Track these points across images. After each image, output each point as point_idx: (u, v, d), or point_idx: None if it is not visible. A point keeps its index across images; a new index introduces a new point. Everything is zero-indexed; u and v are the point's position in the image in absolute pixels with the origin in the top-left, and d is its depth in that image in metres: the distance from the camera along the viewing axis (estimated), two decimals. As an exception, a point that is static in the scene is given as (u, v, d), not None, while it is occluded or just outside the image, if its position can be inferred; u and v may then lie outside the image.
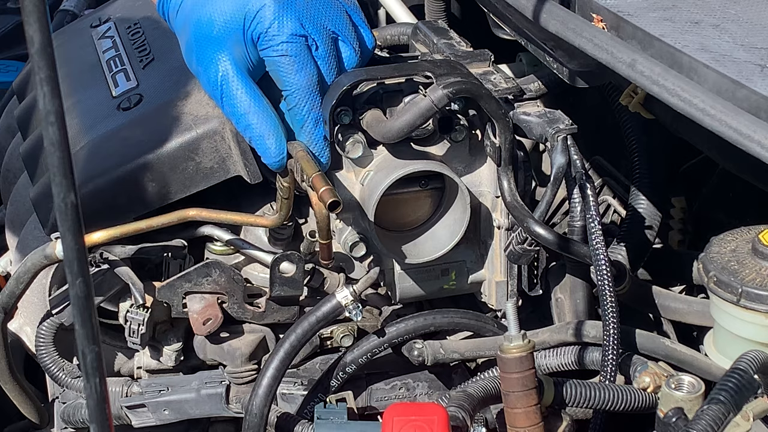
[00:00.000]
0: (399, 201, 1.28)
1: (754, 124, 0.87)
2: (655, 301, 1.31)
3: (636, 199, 1.39)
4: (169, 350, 1.32)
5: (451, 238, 1.28)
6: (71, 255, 0.58)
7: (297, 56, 1.19)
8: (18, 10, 2.43)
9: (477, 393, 1.13)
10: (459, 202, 1.27)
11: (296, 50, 1.19)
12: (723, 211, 1.48)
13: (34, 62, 0.55)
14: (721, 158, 1.21)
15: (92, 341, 0.60)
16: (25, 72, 1.75)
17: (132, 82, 1.41)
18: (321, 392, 1.31)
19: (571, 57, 1.17)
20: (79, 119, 1.39)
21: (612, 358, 1.17)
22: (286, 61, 1.19)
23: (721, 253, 1.10)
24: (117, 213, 1.26)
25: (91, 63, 1.52)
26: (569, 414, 1.16)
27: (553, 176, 1.19)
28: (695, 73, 0.94)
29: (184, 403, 1.33)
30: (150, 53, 1.47)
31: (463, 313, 1.35)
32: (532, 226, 1.19)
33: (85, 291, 0.59)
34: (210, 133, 1.28)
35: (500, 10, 1.25)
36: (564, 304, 1.36)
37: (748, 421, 1.00)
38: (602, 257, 1.17)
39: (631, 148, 1.40)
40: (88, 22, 1.67)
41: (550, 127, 1.22)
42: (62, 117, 0.56)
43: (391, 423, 1.05)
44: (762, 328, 1.06)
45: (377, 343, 1.31)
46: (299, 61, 1.19)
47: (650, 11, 1.06)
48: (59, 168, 0.56)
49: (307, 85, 1.20)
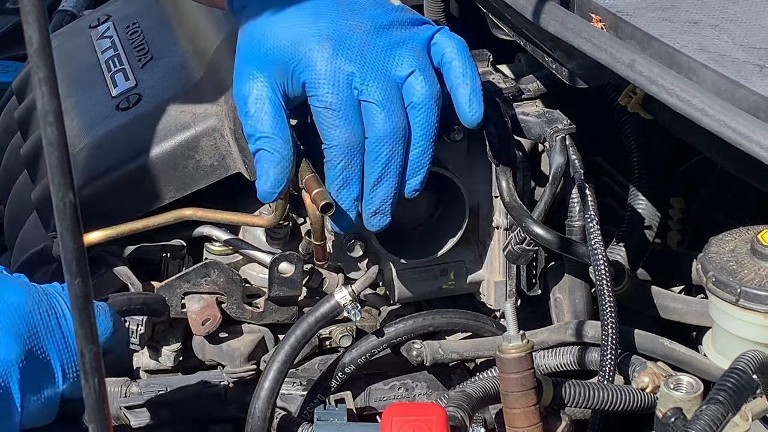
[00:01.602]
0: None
1: (752, 124, 0.87)
2: (653, 302, 1.31)
3: (635, 199, 1.39)
4: (168, 350, 1.32)
5: (449, 238, 1.28)
6: (70, 255, 0.58)
7: (341, 111, 1.11)
8: (17, 10, 2.43)
9: (476, 393, 1.13)
10: (458, 202, 1.27)
11: (341, 104, 1.11)
12: (722, 212, 1.47)
13: (32, 62, 0.55)
14: (720, 158, 1.21)
15: (91, 341, 0.60)
16: (25, 72, 1.75)
17: (131, 82, 1.41)
18: (320, 393, 1.31)
19: (570, 57, 1.17)
20: (78, 120, 1.39)
21: (610, 358, 1.17)
22: (330, 115, 1.11)
23: (720, 254, 1.10)
24: (119, 213, 1.26)
25: (90, 63, 1.52)
26: (568, 414, 1.16)
27: (552, 176, 1.19)
28: (694, 73, 0.94)
29: (183, 403, 1.33)
30: (148, 52, 1.47)
31: (462, 313, 1.35)
32: (531, 226, 1.19)
33: (83, 291, 0.59)
34: (209, 130, 1.28)
35: (499, 10, 1.25)
36: (563, 304, 1.36)
37: (747, 421, 1.00)
38: (601, 257, 1.17)
39: (630, 148, 1.40)
40: (86, 23, 1.67)
41: (548, 127, 1.22)
42: (61, 117, 0.56)
43: (390, 423, 1.05)
44: (761, 328, 1.06)
45: (376, 343, 1.31)
46: (342, 116, 1.11)
47: (649, 11, 1.06)
48: (58, 168, 0.57)
49: (346, 142, 1.12)
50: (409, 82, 1.13)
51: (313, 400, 1.30)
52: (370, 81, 1.11)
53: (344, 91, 1.11)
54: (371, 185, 1.14)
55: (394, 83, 1.12)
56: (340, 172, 1.13)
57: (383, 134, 1.12)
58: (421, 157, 1.14)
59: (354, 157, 1.13)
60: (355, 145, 1.12)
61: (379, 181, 1.13)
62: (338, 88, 1.11)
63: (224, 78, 1.31)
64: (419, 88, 1.12)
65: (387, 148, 1.12)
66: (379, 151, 1.12)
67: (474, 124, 1.15)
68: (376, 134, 1.12)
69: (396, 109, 1.12)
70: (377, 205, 1.15)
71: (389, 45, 1.13)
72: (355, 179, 1.14)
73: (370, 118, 1.12)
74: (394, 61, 1.13)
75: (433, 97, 1.13)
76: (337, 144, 1.12)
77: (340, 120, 1.11)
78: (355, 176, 1.14)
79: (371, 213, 1.16)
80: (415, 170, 1.15)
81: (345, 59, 1.11)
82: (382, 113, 1.11)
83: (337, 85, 1.11)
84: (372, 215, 1.16)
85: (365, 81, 1.11)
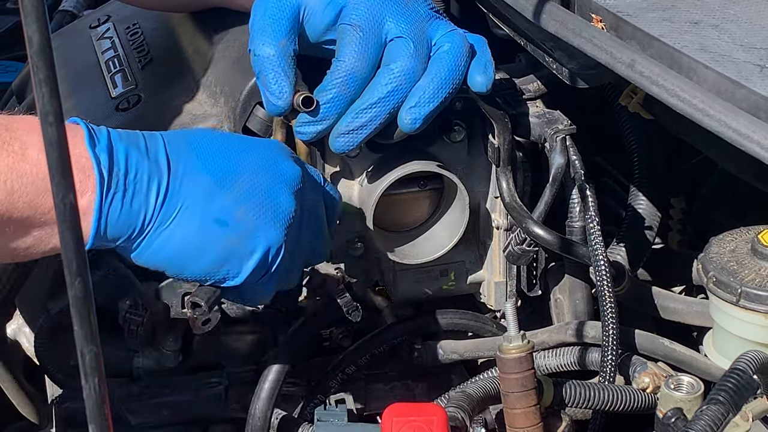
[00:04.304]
0: (398, 201, 1.28)
1: (753, 124, 0.86)
2: (654, 302, 1.31)
3: (635, 199, 1.39)
4: (168, 351, 1.32)
5: (450, 239, 1.28)
6: (70, 255, 0.58)
7: (365, 34, 1.13)
8: (17, 10, 2.43)
9: (476, 393, 1.13)
10: (458, 202, 1.27)
11: (370, 29, 1.13)
12: (722, 212, 1.47)
13: (32, 63, 0.55)
14: (721, 158, 1.21)
15: (91, 341, 0.60)
16: (25, 72, 1.75)
17: (131, 83, 1.41)
18: (320, 393, 1.31)
19: (571, 57, 1.17)
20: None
21: (611, 358, 1.17)
22: (354, 33, 1.14)
23: (721, 254, 1.10)
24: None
25: (90, 64, 1.52)
26: (569, 414, 1.16)
27: (552, 177, 1.19)
28: (694, 74, 0.94)
29: (183, 403, 1.33)
30: (148, 53, 1.46)
31: (462, 313, 1.35)
32: (531, 226, 1.19)
33: (83, 291, 0.59)
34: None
35: (500, 10, 1.25)
36: (563, 305, 1.36)
37: (748, 421, 1.00)
38: (601, 258, 1.17)
39: (631, 148, 1.40)
40: (87, 23, 1.67)
41: (548, 128, 1.22)
42: (61, 117, 0.56)
43: (390, 423, 1.05)
44: (761, 329, 1.06)
45: (376, 343, 1.31)
46: (364, 39, 1.13)
47: (649, 11, 1.06)
48: (58, 168, 0.57)
49: (355, 64, 1.13)
50: (440, 41, 1.16)
51: (313, 401, 1.30)
52: (404, 24, 1.14)
53: (376, 24, 1.14)
54: (363, 106, 1.14)
55: (427, 37, 1.15)
56: (335, 86, 1.14)
57: (403, 66, 1.13)
58: (438, 90, 1.14)
59: (355, 80, 1.14)
60: (361, 71, 1.13)
61: (373, 106, 1.14)
62: (373, 17, 1.14)
63: (224, 79, 1.31)
64: (450, 42, 1.15)
65: (399, 80, 1.13)
66: (391, 78, 1.13)
67: (483, 88, 1.16)
68: (397, 63, 1.13)
69: (422, 53, 1.14)
70: (356, 125, 1.14)
71: (429, 15, 1.17)
72: (343, 98, 1.14)
73: (398, 51, 1.14)
74: (431, 25, 1.16)
75: (464, 46, 1.15)
76: (346, 61, 1.13)
77: (361, 41, 1.13)
78: (345, 95, 1.14)
79: (345, 131, 1.15)
80: (428, 99, 1.14)
81: (389, 4, 1.14)
82: (411, 46, 1.14)
83: (372, 16, 1.14)
84: (344, 133, 1.15)
85: (399, 23, 1.14)
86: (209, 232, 1.03)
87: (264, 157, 1.08)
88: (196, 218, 1.02)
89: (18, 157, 0.95)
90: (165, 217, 1.01)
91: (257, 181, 1.05)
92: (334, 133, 1.15)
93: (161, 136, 1.04)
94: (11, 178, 0.94)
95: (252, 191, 1.05)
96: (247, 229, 1.04)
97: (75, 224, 0.57)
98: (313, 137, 1.16)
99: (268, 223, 1.05)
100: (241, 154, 1.07)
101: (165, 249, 1.02)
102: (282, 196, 1.06)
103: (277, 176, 1.07)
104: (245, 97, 1.26)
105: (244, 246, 1.04)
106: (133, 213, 0.99)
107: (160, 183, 1.00)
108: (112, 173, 0.98)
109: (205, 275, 1.05)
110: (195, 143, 1.05)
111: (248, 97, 1.25)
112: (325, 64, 1.16)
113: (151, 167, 1.00)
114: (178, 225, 1.01)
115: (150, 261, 1.03)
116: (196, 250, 1.03)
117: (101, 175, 0.97)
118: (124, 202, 0.98)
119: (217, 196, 1.03)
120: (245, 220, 1.04)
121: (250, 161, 1.06)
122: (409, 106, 1.14)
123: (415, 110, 1.14)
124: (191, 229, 1.02)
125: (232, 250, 1.04)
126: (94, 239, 0.98)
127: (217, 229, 1.03)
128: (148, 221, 1.00)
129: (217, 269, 1.05)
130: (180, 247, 1.02)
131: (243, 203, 1.04)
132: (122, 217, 0.99)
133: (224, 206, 1.03)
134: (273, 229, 1.05)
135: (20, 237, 0.98)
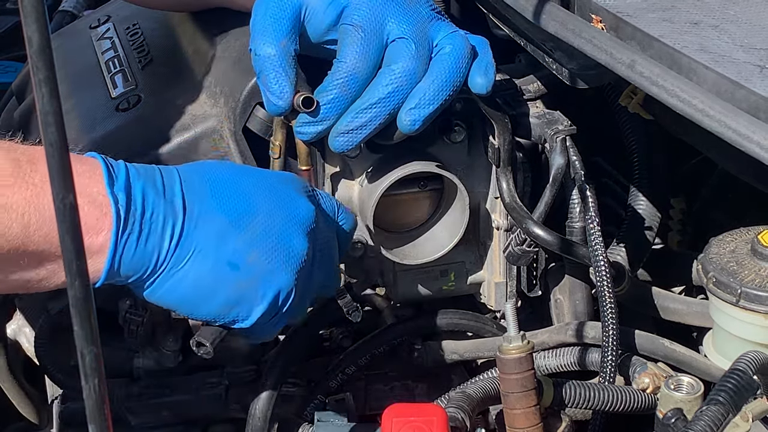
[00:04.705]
0: (398, 202, 1.28)
1: (753, 125, 0.86)
2: (654, 302, 1.31)
3: (635, 199, 1.39)
4: (168, 351, 1.32)
5: (450, 239, 1.28)
6: (70, 255, 0.58)
7: (366, 34, 1.13)
8: (17, 10, 2.43)
9: (476, 394, 1.13)
10: (458, 203, 1.27)
11: (371, 30, 1.13)
12: (722, 212, 1.47)
13: (32, 63, 0.55)
14: (721, 159, 1.21)
15: (91, 342, 0.60)
16: (25, 73, 1.75)
17: (131, 83, 1.41)
18: (320, 393, 1.31)
19: (571, 58, 1.17)
20: (78, 121, 1.39)
21: (611, 359, 1.17)
22: (356, 33, 1.13)
23: (721, 254, 1.10)
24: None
25: (90, 64, 1.52)
26: (568, 415, 1.16)
27: (552, 177, 1.19)
28: (694, 74, 0.94)
29: (183, 403, 1.33)
30: (148, 54, 1.46)
31: (462, 313, 1.35)
32: (531, 227, 1.19)
33: (83, 292, 0.59)
34: (208, 131, 1.28)
35: (499, 10, 1.25)
36: (563, 305, 1.36)
37: (748, 421, 1.00)
38: (601, 258, 1.17)
39: (631, 149, 1.40)
40: (87, 23, 1.66)
41: (549, 128, 1.22)
42: (61, 118, 0.56)
43: (390, 424, 1.05)
44: (761, 329, 1.06)
45: (376, 344, 1.31)
46: (366, 40, 1.13)
47: (649, 12, 1.06)
48: (58, 169, 0.57)
49: (356, 65, 1.13)
50: (441, 42, 1.16)
51: (313, 401, 1.30)
52: (406, 25, 1.14)
53: (378, 25, 1.13)
54: (363, 106, 1.14)
55: (428, 38, 1.15)
56: (336, 86, 1.13)
57: (405, 67, 1.13)
58: (438, 92, 1.14)
59: (356, 81, 1.13)
60: (362, 72, 1.13)
61: (373, 106, 1.13)
62: (374, 17, 1.13)
63: (224, 79, 1.31)
64: (452, 44, 1.15)
65: (400, 80, 1.13)
66: (392, 79, 1.13)
67: (484, 90, 1.16)
68: (398, 64, 1.13)
69: (423, 54, 1.14)
70: (355, 125, 1.14)
71: (431, 16, 1.17)
72: (344, 98, 1.14)
73: (399, 51, 1.14)
74: (433, 26, 1.16)
75: (466, 48, 1.15)
76: (347, 61, 1.13)
77: (362, 41, 1.13)
78: (345, 96, 1.14)
79: (345, 130, 1.14)
80: (428, 101, 1.14)
81: (390, 5, 1.14)
82: (413, 47, 1.13)
83: (374, 17, 1.13)
84: (344, 133, 1.15)
85: (401, 24, 1.14)
86: (221, 275, 1.02)
87: (279, 195, 1.07)
88: (209, 261, 1.02)
89: (38, 191, 0.95)
90: (179, 259, 1.01)
91: (271, 222, 1.05)
92: (333, 132, 1.15)
93: (177, 172, 1.04)
94: (29, 211, 0.94)
95: (265, 234, 1.04)
96: (259, 273, 1.03)
97: (75, 224, 0.57)
98: (313, 137, 1.16)
99: (280, 267, 1.04)
100: (257, 192, 1.06)
101: (177, 290, 1.02)
102: (295, 239, 1.06)
103: (291, 217, 1.06)
104: (245, 97, 1.26)
105: (255, 290, 1.04)
106: (147, 253, 0.99)
107: (175, 224, 1.00)
108: (129, 213, 0.97)
109: (215, 317, 1.05)
110: (211, 181, 1.05)
111: (248, 97, 1.25)
112: (326, 65, 1.16)
113: (166, 208, 1.00)
114: (191, 267, 1.01)
115: (161, 300, 1.03)
116: (208, 292, 1.03)
117: (118, 214, 0.97)
118: (138, 243, 0.98)
119: (230, 237, 1.02)
120: (257, 263, 1.03)
121: (265, 200, 1.06)
122: (408, 108, 1.14)
123: (415, 112, 1.13)
124: (203, 272, 1.02)
125: (242, 294, 1.04)
126: (107, 276, 0.98)
127: (229, 272, 1.02)
128: (161, 262, 1.00)
129: (228, 311, 1.04)
130: (192, 289, 1.02)
131: (256, 246, 1.03)
132: (136, 256, 0.98)
133: (237, 249, 1.03)
134: (284, 273, 1.05)
135: (34, 269, 0.98)
